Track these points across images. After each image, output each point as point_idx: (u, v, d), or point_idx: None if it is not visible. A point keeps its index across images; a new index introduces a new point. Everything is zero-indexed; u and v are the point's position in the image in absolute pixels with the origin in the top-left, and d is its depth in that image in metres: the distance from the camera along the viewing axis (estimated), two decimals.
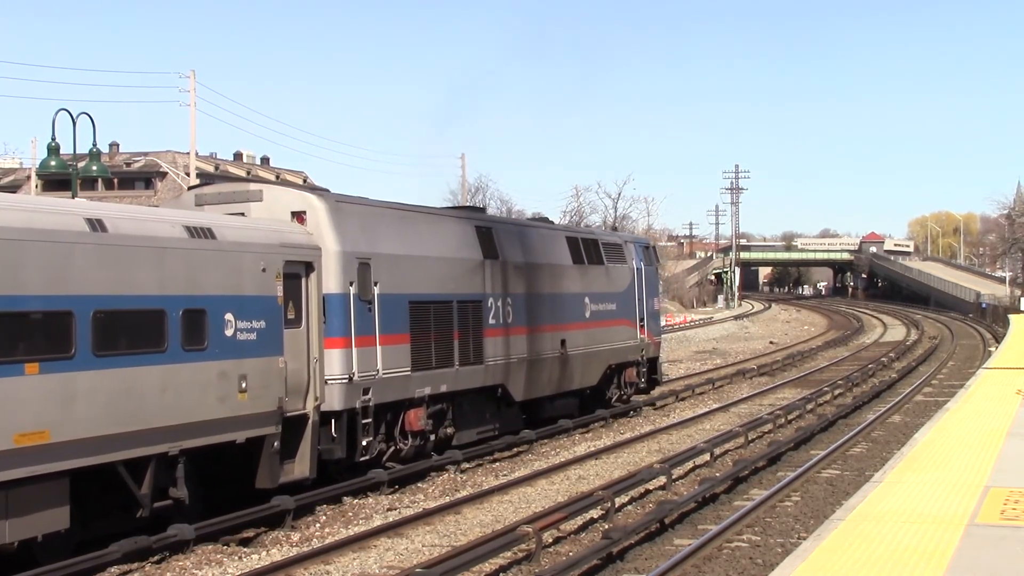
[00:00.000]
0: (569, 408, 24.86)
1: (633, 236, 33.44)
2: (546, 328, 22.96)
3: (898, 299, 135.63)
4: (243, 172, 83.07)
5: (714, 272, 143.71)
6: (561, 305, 23.78)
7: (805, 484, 17.62)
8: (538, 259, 23.06)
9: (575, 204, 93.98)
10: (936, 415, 20.64)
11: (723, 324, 79.37)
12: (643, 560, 13.20)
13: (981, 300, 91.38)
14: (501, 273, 21.29)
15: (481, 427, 21.06)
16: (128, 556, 12.67)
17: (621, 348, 26.85)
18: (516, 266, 21.93)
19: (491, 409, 21.41)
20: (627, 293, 27.36)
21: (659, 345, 29.87)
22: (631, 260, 27.93)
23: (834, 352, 51.37)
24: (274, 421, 15.29)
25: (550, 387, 23.33)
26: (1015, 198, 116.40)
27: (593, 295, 25.32)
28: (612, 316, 26.30)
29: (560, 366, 23.60)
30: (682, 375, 39.25)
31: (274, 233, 15.96)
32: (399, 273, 18.09)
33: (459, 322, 19.64)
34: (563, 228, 26.41)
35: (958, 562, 9.53)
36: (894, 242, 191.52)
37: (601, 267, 26.03)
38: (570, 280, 24.37)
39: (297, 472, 15.87)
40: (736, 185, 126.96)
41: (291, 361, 15.71)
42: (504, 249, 21.59)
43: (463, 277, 20.00)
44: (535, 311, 22.55)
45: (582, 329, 24.61)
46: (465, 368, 19.81)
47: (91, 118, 15.31)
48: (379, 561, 13.21)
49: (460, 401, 20.10)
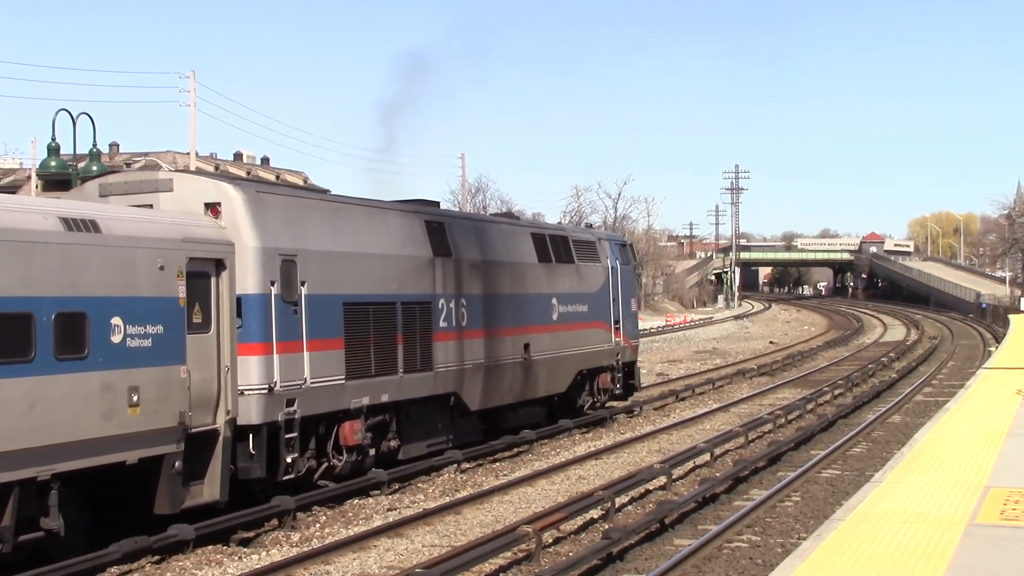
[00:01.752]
0: (535, 417, 23.19)
1: (608, 233, 31.17)
2: (507, 331, 21.34)
3: (898, 299, 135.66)
4: (243, 172, 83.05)
5: (714, 272, 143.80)
6: (524, 306, 22.15)
7: (805, 484, 17.61)
8: (498, 257, 21.39)
9: (575, 204, 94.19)
10: (936, 415, 20.65)
11: (723, 324, 79.41)
12: (643, 560, 13.20)
13: (981, 300, 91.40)
14: (454, 272, 19.63)
15: (432, 439, 19.30)
16: (128, 556, 12.66)
17: (593, 352, 25.22)
18: (472, 264, 20.28)
19: (444, 419, 19.68)
20: (601, 294, 25.77)
21: (636, 349, 28.20)
22: (605, 258, 26.30)
23: (834, 352, 51.35)
24: (174, 438, 13.51)
25: (512, 395, 21.69)
26: (1015, 198, 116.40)
27: (562, 296, 23.72)
28: (583, 318, 24.71)
29: (523, 372, 21.97)
30: (682, 375, 39.25)
31: (176, 226, 14.17)
32: (332, 272, 16.48)
33: (404, 325, 18.01)
34: (528, 224, 24.37)
35: (958, 562, 9.54)
36: (894, 242, 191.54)
37: (571, 266, 24.43)
38: (535, 279, 22.71)
39: (206, 494, 14.15)
40: (736, 185, 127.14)
41: (197, 370, 13.97)
42: (458, 246, 19.91)
43: (409, 276, 18.31)
44: (494, 313, 20.88)
45: (549, 332, 23.04)
46: (411, 375, 18.14)
47: (91, 118, 15.35)
48: (379, 561, 13.21)
49: (407, 411, 18.46)
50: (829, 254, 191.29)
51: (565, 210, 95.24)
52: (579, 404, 25.20)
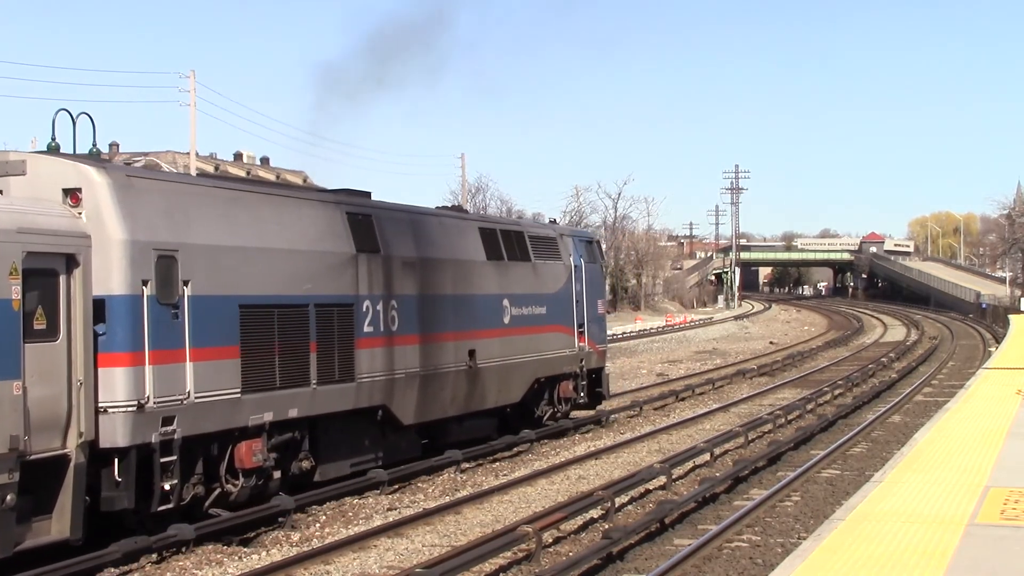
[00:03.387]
0: (485, 430, 21.31)
1: (572, 229, 28.55)
2: (448, 336, 19.31)
3: (898, 299, 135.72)
4: (243, 172, 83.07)
5: (714, 272, 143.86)
6: (470, 309, 20.07)
7: (805, 484, 17.62)
8: (439, 254, 19.40)
9: (575, 204, 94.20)
10: (936, 415, 20.64)
11: (723, 324, 79.43)
12: (643, 560, 13.20)
13: (981, 300, 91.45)
14: (383, 270, 17.65)
15: (356, 457, 17.40)
16: (128, 556, 12.66)
17: (553, 358, 23.19)
18: (406, 262, 18.27)
19: (372, 435, 17.74)
20: (562, 295, 23.73)
21: (604, 355, 26.13)
22: (568, 256, 24.24)
23: (834, 352, 51.37)
24: (4, 468, 11.41)
25: (454, 406, 19.63)
26: (1015, 198, 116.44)
27: (515, 297, 21.66)
28: (541, 321, 22.63)
29: (468, 381, 19.90)
30: (682, 375, 39.27)
31: (8, 214, 12.07)
32: (225, 269, 14.42)
33: (319, 330, 15.98)
34: (477, 218, 21.94)
35: (958, 562, 9.53)
36: (894, 242, 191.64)
37: (527, 264, 22.39)
38: (483, 279, 20.67)
39: (54, 531, 12.18)
40: (736, 185, 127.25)
41: (38, 386, 11.90)
42: (389, 241, 17.94)
43: (326, 275, 16.34)
44: (432, 316, 18.86)
45: (499, 337, 20.97)
46: (327, 387, 16.12)
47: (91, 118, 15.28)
48: (379, 561, 13.21)
49: (324, 428, 16.48)
50: (829, 254, 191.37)
51: (565, 210, 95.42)
52: (537, 415, 23.24)
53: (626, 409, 27.32)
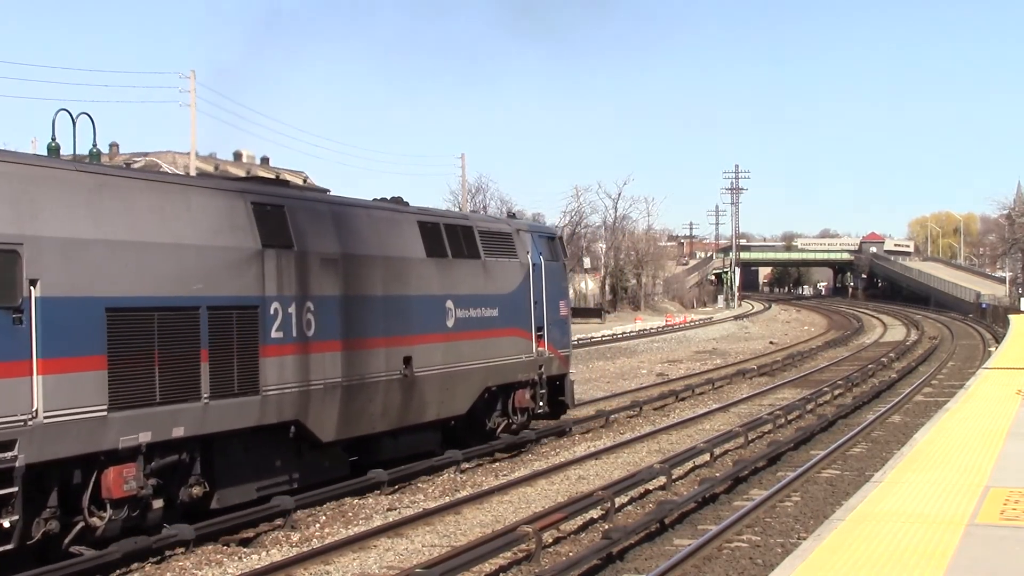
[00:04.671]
0: (426, 444, 19.34)
1: (531, 224, 25.76)
2: (377, 342, 17.36)
3: (898, 299, 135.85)
4: (243, 172, 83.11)
5: (714, 272, 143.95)
6: (405, 311, 18.10)
7: (805, 484, 17.62)
8: (367, 250, 17.40)
9: (575, 204, 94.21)
10: (936, 415, 20.64)
11: (723, 324, 79.44)
12: (643, 560, 13.20)
13: (981, 300, 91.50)
14: (297, 268, 15.66)
15: (265, 480, 15.42)
16: (128, 556, 12.66)
17: (506, 365, 21.24)
18: (326, 259, 16.32)
19: (284, 454, 15.87)
20: (517, 295, 21.75)
21: (567, 360, 24.02)
22: (525, 254, 22.23)
23: (834, 352, 51.38)
24: None
25: (386, 420, 17.72)
26: (1015, 198, 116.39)
27: (461, 298, 19.70)
28: (492, 324, 20.72)
29: (402, 391, 17.94)
30: (682, 375, 39.28)
31: None
32: (86, 266, 12.51)
33: (213, 337, 14.00)
34: (415, 210, 19.58)
35: (958, 562, 9.53)
36: (894, 242, 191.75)
37: (475, 262, 20.38)
38: (422, 278, 18.65)
39: None
40: (736, 185, 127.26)
41: None
42: (304, 235, 15.97)
43: (223, 273, 14.37)
44: (358, 320, 16.94)
45: (441, 342, 19.04)
46: (224, 401, 14.13)
47: (91, 118, 15.25)
48: (379, 561, 13.21)
49: (222, 448, 14.56)
50: (829, 254, 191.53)
51: (565, 210, 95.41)
52: (489, 427, 21.31)
53: (626, 409, 27.32)
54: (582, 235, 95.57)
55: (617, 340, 57.01)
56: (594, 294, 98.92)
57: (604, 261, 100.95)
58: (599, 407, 27.85)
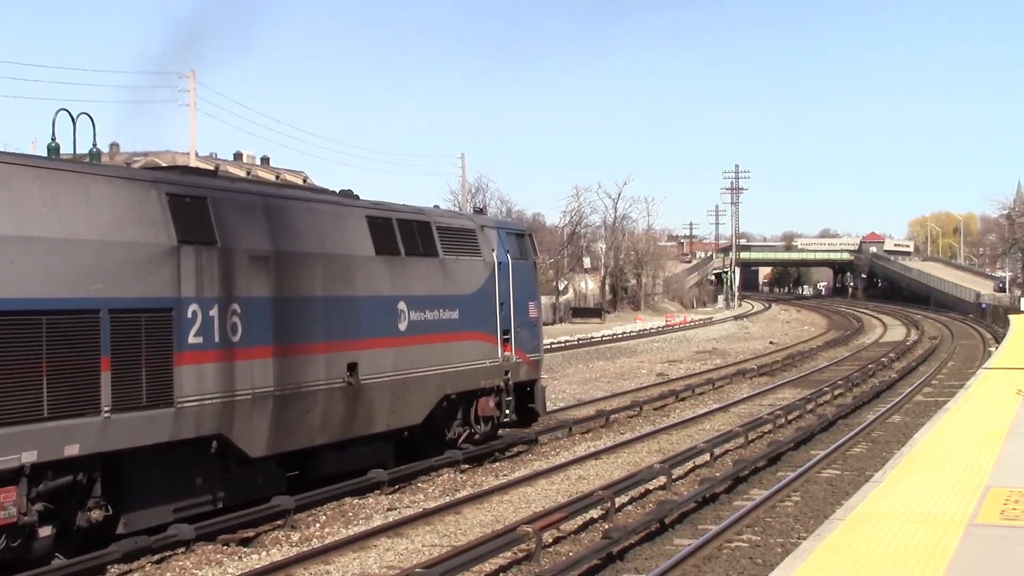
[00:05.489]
0: (377, 456, 17.81)
1: (497, 220, 23.74)
2: (317, 347, 15.86)
3: (898, 299, 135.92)
4: (243, 172, 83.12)
5: (714, 272, 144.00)
6: (350, 313, 16.62)
7: (805, 484, 17.62)
8: (306, 247, 15.88)
9: (575, 204, 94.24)
10: (936, 415, 20.64)
11: (723, 324, 79.48)
12: (643, 560, 13.20)
13: (981, 300, 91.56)
14: (220, 266, 14.14)
15: (183, 500, 13.90)
16: (128, 556, 12.66)
17: (467, 371, 19.68)
18: (256, 257, 14.78)
19: (206, 472, 14.31)
20: (481, 296, 20.27)
21: (538, 365, 22.47)
22: (490, 251, 20.74)
23: (834, 352, 51.39)
24: None
25: (327, 432, 16.18)
26: (1015, 198, 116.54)
27: (416, 299, 18.19)
28: (452, 327, 19.22)
29: (346, 400, 16.45)
30: (682, 375, 39.29)
31: None
32: None
33: (116, 343, 12.44)
34: (366, 204, 18.12)
35: (958, 562, 9.53)
36: (894, 242, 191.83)
37: (432, 260, 18.88)
38: (371, 278, 17.20)
39: None
40: (736, 185, 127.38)
41: None
42: (230, 230, 14.42)
43: (129, 272, 12.76)
44: (294, 323, 15.41)
45: (392, 347, 17.53)
46: (129, 415, 12.59)
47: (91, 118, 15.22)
48: (379, 561, 13.21)
49: (129, 466, 13.03)
50: (829, 254, 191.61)
51: (565, 210, 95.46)
52: (449, 437, 19.82)
53: (626, 409, 27.32)
54: (582, 235, 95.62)
55: (617, 340, 57.04)
56: (594, 294, 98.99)
57: (604, 261, 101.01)
58: (599, 407, 27.86)
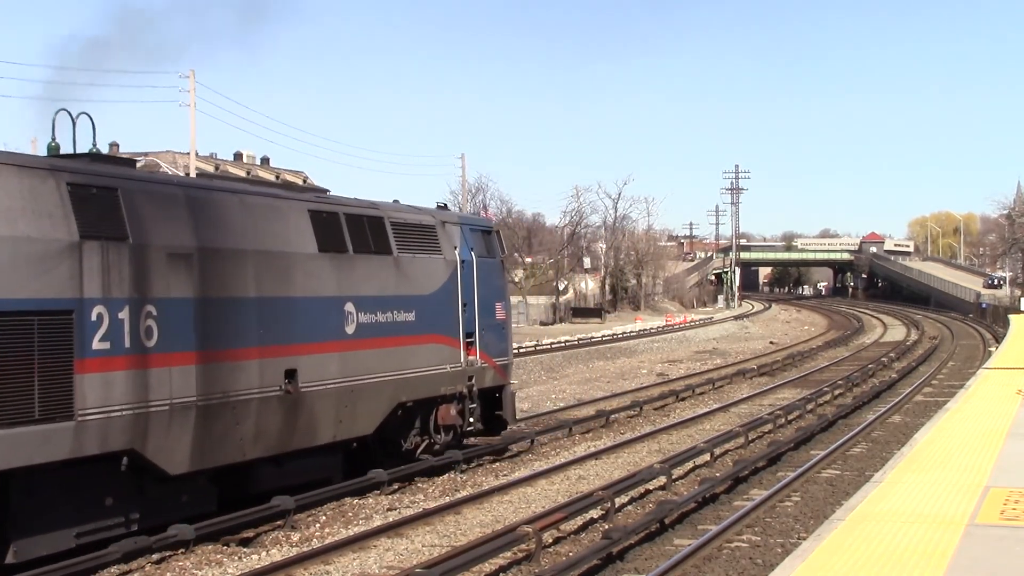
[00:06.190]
0: (321, 470, 16.64)
1: (461, 216, 21.86)
2: (249, 352, 14.56)
3: (898, 299, 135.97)
4: (243, 172, 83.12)
5: (714, 272, 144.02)
6: (288, 316, 15.34)
7: (805, 484, 17.62)
8: (235, 243, 14.57)
9: (575, 204, 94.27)
10: (936, 415, 20.64)
11: (723, 324, 79.51)
12: (643, 560, 13.20)
13: (981, 300, 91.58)
14: (132, 264, 12.81)
15: (89, 524, 12.59)
16: (128, 556, 12.66)
17: (425, 377, 18.41)
18: (176, 254, 13.48)
19: (118, 491, 12.93)
20: (440, 297, 18.99)
21: (506, 370, 21.18)
22: (451, 249, 19.48)
23: (834, 352, 51.40)
24: None
25: (261, 446, 14.85)
26: (1015, 198, 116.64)
27: (365, 300, 16.93)
28: (407, 330, 17.91)
29: (284, 410, 15.19)
30: (682, 375, 39.29)
31: None
32: None
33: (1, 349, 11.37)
34: (309, 197, 17.07)
35: (958, 562, 9.53)
36: (894, 242, 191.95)
37: (385, 258, 17.63)
38: (312, 277, 15.91)
39: None
40: (736, 185, 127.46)
41: None
42: (145, 225, 13.12)
43: (17, 270, 11.62)
44: (220, 326, 14.12)
45: (337, 352, 16.26)
46: (18, 430, 11.46)
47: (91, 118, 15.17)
48: (379, 561, 13.21)
49: (23, 487, 11.86)
50: (829, 254, 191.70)
51: (565, 210, 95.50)
52: (405, 448, 18.63)
53: (626, 409, 27.32)
54: (582, 235, 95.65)
55: (617, 340, 57.06)
56: (594, 294, 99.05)
57: (604, 261, 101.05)
58: (599, 407, 27.87)
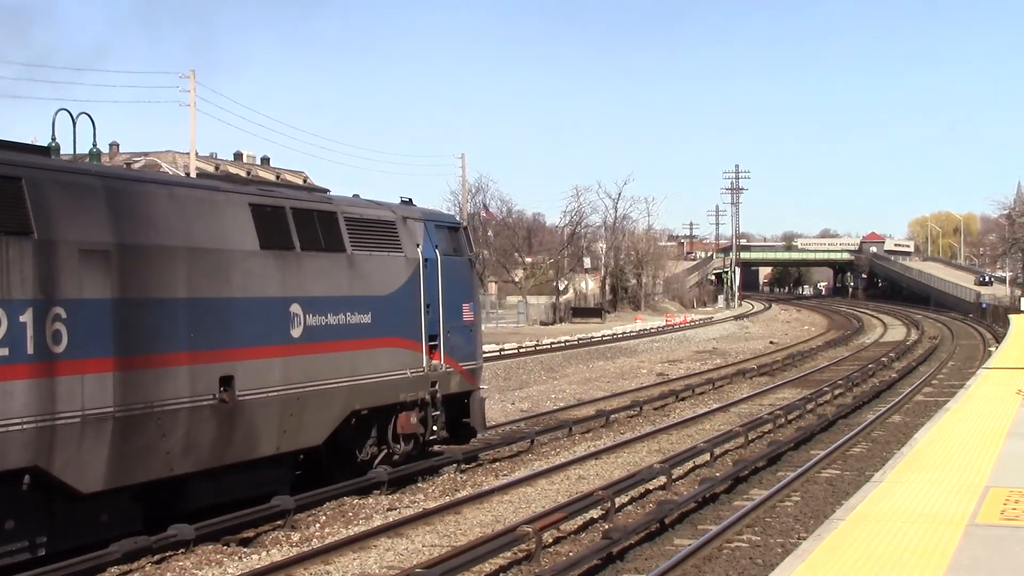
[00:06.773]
0: (264, 484, 15.39)
1: (425, 211, 19.85)
2: (178, 358, 13.41)
3: (898, 299, 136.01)
4: (243, 172, 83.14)
5: (714, 272, 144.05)
6: (223, 318, 14.15)
7: (805, 484, 17.62)
8: (160, 239, 13.35)
9: (575, 204, 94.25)
10: (936, 415, 20.63)
11: (723, 324, 79.52)
12: (643, 560, 13.20)
13: (981, 300, 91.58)
14: (37, 262, 11.67)
15: None
16: (128, 556, 12.66)
17: (382, 383, 17.24)
18: (90, 250, 12.31)
19: (20, 512, 11.78)
20: (400, 297, 17.77)
21: (475, 374, 20.03)
22: (413, 247, 18.25)
23: (834, 352, 51.40)
24: None
25: (192, 460, 13.65)
26: (1015, 198, 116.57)
27: (313, 301, 15.69)
28: (362, 333, 16.73)
29: (219, 421, 14.00)
30: (682, 375, 39.30)
31: None
32: None
33: None
34: (250, 190, 15.77)
35: (958, 562, 9.53)
36: (894, 242, 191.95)
37: (338, 256, 16.43)
38: (252, 276, 14.65)
39: None
40: (736, 185, 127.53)
41: None
42: (53, 219, 11.98)
43: None
44: (143, 329, 12.95)
45: (281, 356, 15.04)
46: None
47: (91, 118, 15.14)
48: (379, 561, 13.21)
49: None
50: (829, 254, 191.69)
51: (565, 210, 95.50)
52: (361, 459, 17.45)
53: (626, 409, 27.33)
54: (582, 235, 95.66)
55: (617, 340, 57.06)
56: (594, 294, 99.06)
57: (604, 261, 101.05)
58: (599, 407, 27.88)
